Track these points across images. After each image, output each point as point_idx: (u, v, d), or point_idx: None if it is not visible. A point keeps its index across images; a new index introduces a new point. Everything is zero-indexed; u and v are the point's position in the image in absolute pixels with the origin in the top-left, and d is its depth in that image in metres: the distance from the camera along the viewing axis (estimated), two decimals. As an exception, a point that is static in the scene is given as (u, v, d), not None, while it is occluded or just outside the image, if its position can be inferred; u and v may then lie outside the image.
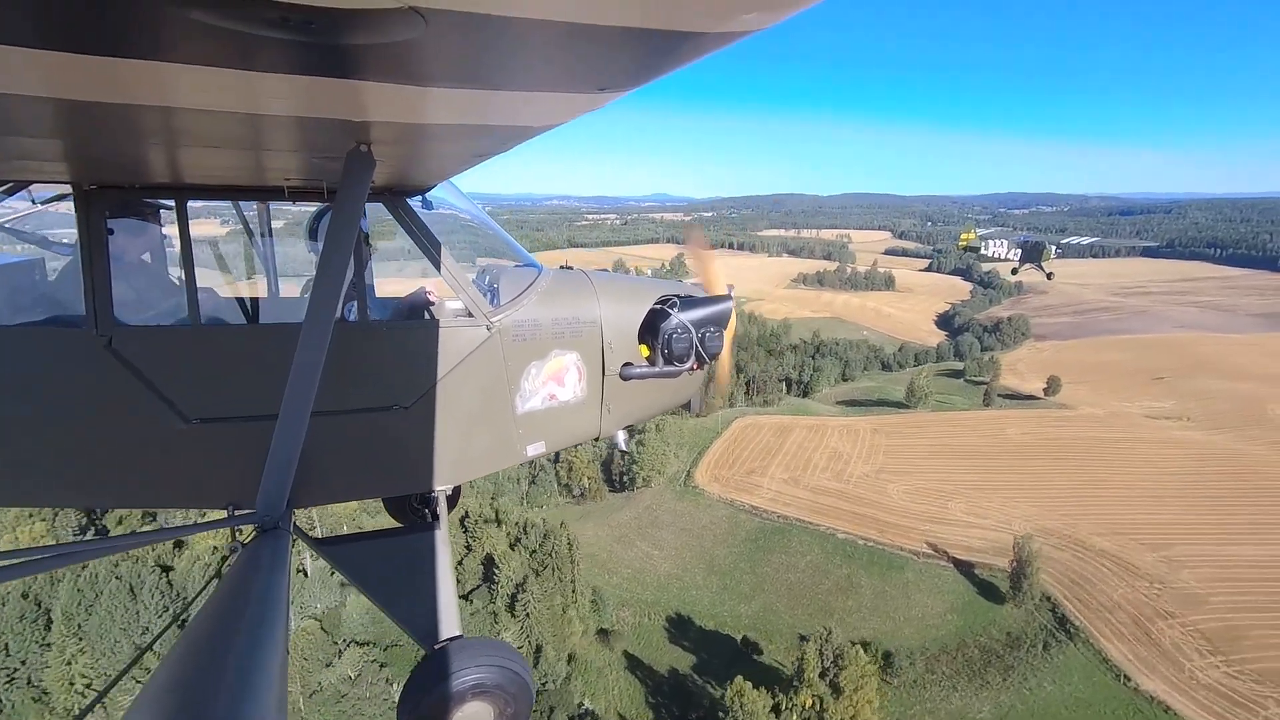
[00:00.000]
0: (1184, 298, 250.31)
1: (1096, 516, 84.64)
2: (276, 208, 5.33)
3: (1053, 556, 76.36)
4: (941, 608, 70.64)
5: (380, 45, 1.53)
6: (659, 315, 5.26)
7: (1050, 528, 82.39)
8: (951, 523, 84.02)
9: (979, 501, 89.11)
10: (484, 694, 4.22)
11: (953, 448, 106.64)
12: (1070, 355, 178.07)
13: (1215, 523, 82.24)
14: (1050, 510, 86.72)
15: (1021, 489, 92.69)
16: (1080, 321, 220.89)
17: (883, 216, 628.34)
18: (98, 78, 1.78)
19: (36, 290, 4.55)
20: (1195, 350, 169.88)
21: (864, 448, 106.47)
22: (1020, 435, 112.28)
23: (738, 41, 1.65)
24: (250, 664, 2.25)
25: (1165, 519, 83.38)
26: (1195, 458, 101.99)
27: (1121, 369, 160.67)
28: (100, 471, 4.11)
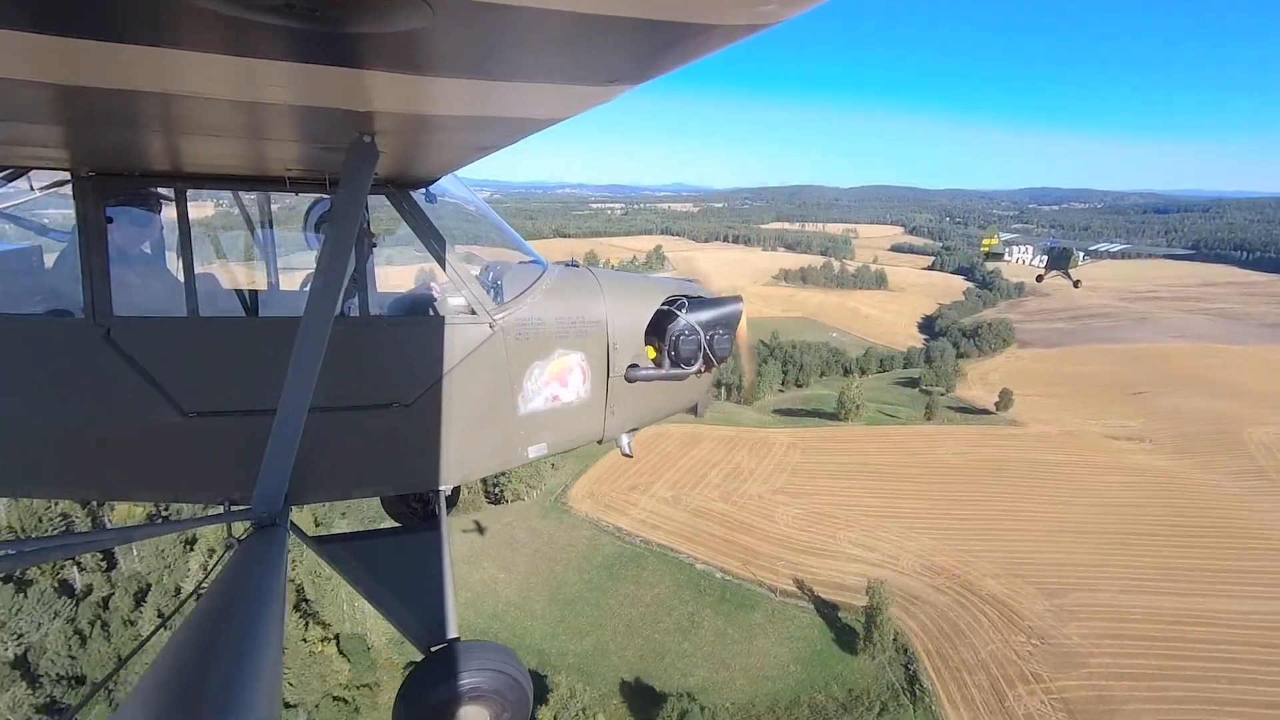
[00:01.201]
0: (1195, 304, 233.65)
1: (1001, 553, 75.65)
2: (279, 199, 5.17)
3: (931, 600, 68.00)
4: (786, 656, 62.86)
5: (385, 34, 1.48)
6: (666, 316, 5.16)
7: (942, 565, 73.84)
8: (833, 555, 75.90)
9: (875, 530, 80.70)
10: (480, 698, 4.18)
11: (871, 466, 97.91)
12: (1049, 365, 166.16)
13: (1126, 565, 72.70)
14: (952, 543, 77.96)
15: (931, 516, 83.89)
16: (1073, 328, 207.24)
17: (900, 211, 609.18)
18: (97, 63, 1.75)
19: (34, 279, 4.44)
20: (1186, 362, 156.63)
21: (772, 464, 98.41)
22: (952, 455, 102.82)
23: (755, 35, 1.57)
24: (244, 661, 2.21)
25: (1076, 559, 74.02)
26: (1140, 487, 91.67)
27: (1100, 381, 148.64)
28: (96, 463, 4.07)
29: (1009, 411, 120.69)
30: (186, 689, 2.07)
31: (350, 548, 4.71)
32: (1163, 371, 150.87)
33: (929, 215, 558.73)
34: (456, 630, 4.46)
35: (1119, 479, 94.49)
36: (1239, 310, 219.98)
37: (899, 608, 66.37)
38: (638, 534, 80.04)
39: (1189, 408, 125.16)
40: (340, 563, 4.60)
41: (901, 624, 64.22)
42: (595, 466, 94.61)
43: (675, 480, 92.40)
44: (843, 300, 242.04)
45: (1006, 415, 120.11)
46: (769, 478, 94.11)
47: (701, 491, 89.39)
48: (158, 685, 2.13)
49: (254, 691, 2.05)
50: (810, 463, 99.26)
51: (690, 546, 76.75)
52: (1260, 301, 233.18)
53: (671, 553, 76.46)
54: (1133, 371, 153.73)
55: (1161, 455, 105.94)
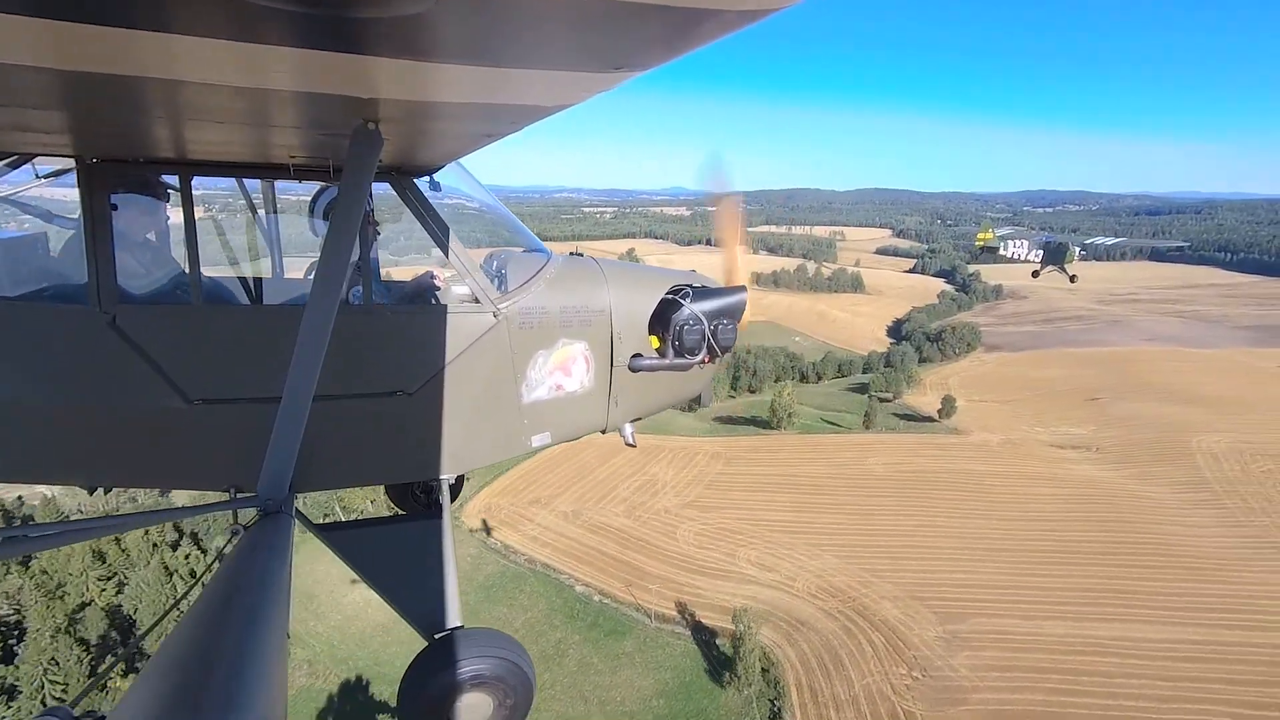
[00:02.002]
0: (1173, 306, 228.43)
1: (907, 573, 71.20)
2: (283, 186, 5.19)
3: (818, 626, 63.53)
4: (651, 689, 58.39)
5: (388, 19, 1.47)
6: (671, 306, 5.14)
7: (840, 586, 69.37)
8: (727, 575, 71.47)
9: (779, 548, 76.28)
10: (483, 685, 4.19)
11: (793, 479, 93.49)
12: (1012, 369, 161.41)
13: (1037, 586, 68.14)
14: (857, 562, 73.49)
15: (842, 533, 79.45)
16: (1044, 331, 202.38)
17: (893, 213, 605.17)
18: (101, 49, 1.74)
19: (39, 265, 4.43)
20: (1150, 367, 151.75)
21: (690, 475, 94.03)
22: (881, 466, 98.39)
23: (761, 20, 1.56)
24: (250, 648, 2.22)
25: (986, 579, 69.54)
26: (1070, 500, 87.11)
27: (1059, 386, 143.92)
28: (101, 450, 4.09)
29: (951, 419, 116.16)
30: (193, 674, 2.08)
31: (354, 535, 4.72)
32: (1125, 376, 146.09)
33: (919, 218, 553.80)
34: (460, 618, 4.48)
35: (1050, 491, 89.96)
36: (1216, 313, 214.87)
37: (782, 634, 62.03)
38: (525, 552, 75.74)
39: (1143, 414, 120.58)
40: (345, 550, 4.60)
41: (779, 653, 59.86)
42: (503, 478, 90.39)
43: (583, 494, 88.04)
44: (813, 304, 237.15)
45: (949, 423, 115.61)
46: (683, 490, 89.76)
47: (606, 506, 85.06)
48: (165, 669, 2.15)
49: (260, 676, 2.06)
50: (731, 474, 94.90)
51: (576, 566, 72.38)
52: (1239, 303, 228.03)
53: (554, 573, 72.15)
54: (1095, 376, 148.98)
55: (1103, 465, 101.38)
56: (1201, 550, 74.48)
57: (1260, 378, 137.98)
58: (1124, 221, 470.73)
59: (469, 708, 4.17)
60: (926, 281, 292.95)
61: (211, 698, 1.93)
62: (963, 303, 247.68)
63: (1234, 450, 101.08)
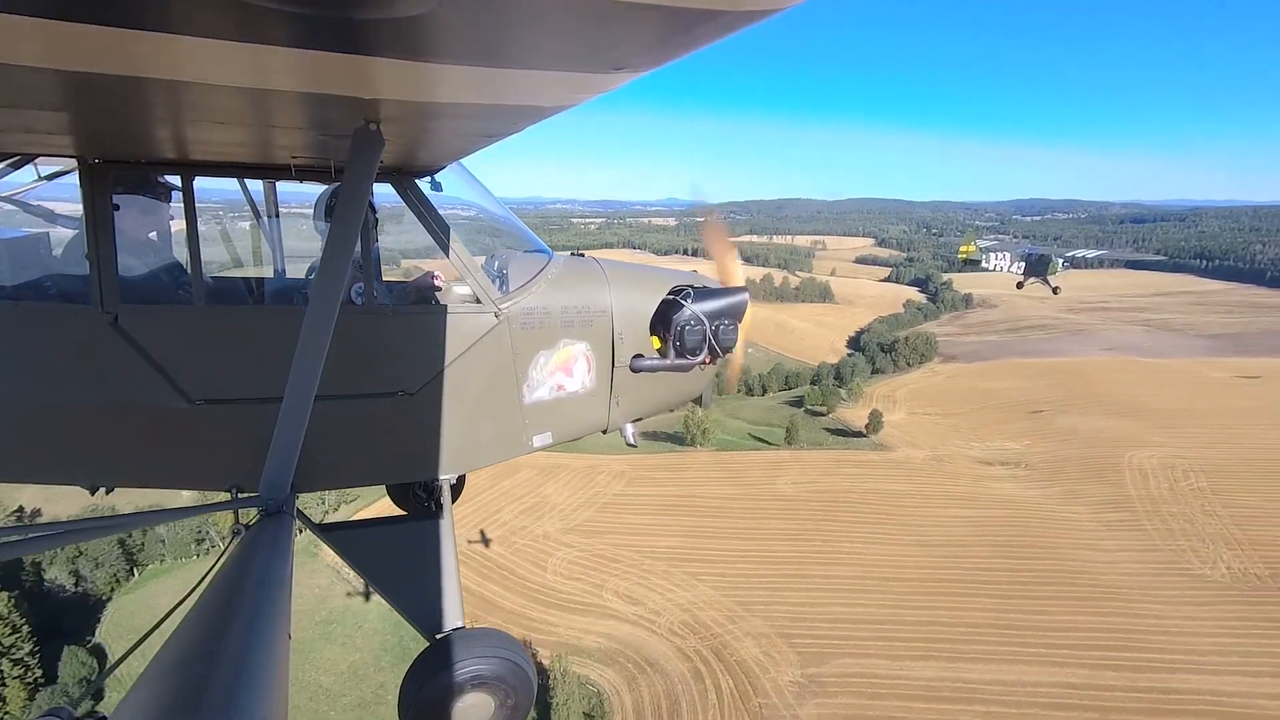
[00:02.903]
0: (1140, 314, 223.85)
1: (784, 605, 65.97)
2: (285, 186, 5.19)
3: (667, 669, 58.27)
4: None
5: (391, 20, 1.47)
6: (672, 306, 5.16)
7: (706, 621, 64.10)
8: (588, 610, 66.17)
9: (653, 578, 71.05)
10: (484, 685, 4.20)
11: (693, 500, 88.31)
12: (963, 381, 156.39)
13: (920, 621, 62.85)
14: (734, 593, 68.26)
15: (727, 560, 74.23)
16: (1006, 341, 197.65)
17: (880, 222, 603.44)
18: (103, 50, 1.74)
19: (41, 266, 4.39)
20: (1102, 377, 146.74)
21: (585, 497, 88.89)
22: (791, 486, 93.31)
23: (761, 21, 1.56)
24: (251, 649, 2.22)
25: (866, 613, 64.31)
26: (985, 523, 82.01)
27: (1004, 399, 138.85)
28: (102, 450, 4.10)
29: (878, 435, 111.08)
30: (194, 674, 2.08)
31: (356, 535, 4.70)
32: (1074, 388, 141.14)
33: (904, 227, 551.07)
34: (461, 618, 4.50)
35: (964, 513, 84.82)
36: (1181, 321, 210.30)
37: (625, 677, 56.81)
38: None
39: (1083, 427, 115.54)
40: (346, 550, 4.60)
41: (615, 700, 54.51)
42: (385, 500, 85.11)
43: (463, 517, 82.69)
44: (774, 314, 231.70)
45: (875, 439, 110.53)
46: (571, 514, 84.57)
47: (489, 530, 79.78)
48: (167, 668, 2.15)
49: (261, 677, 2.06)
50: (629, 496, 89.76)
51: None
52: (1207, 311, 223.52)
53: (399, 608, 66.61)
54: (1044, 388, 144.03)
55: (1029, 483, 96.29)
56: (1105, 579, 69.28)
57: (1209, 389, 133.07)
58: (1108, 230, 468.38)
59: (470, 708, 4.19)
60: (900, 290, 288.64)
61: (212, 698, 1.92)
62: (929, 312, 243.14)
63: (1167, 466, 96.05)
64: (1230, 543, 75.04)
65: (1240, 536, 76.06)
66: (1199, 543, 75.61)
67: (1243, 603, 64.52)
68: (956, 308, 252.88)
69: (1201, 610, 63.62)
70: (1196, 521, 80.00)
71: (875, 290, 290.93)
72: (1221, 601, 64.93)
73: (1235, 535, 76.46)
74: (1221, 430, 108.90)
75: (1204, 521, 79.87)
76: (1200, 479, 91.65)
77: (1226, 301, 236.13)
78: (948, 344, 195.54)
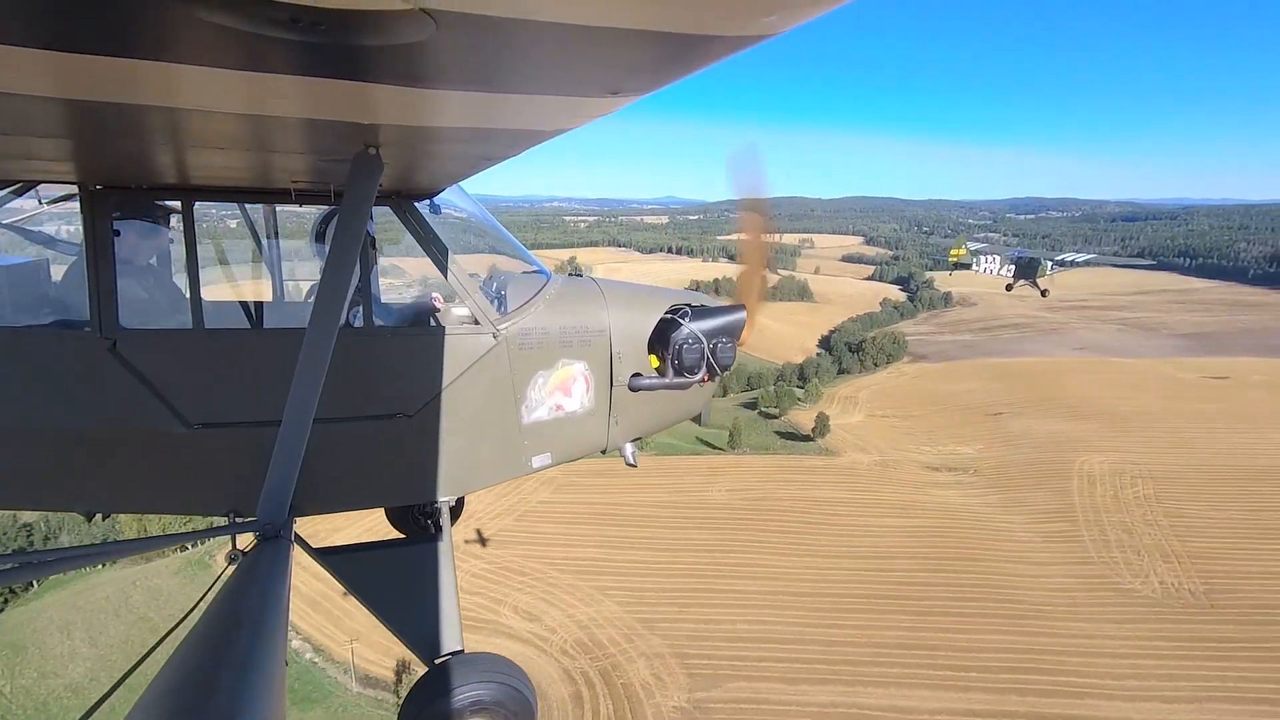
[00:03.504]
0: (1117, 314, 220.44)
1: (687, 623, 62.68)
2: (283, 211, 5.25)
3: (548, 693, 54.94)
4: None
5: (389, 47, 1.49)
6: (670, 325, 5.19)
7: (603, 640, 60.88)
8: (478, 627, 62.25)
9: (557, 593, 67.78)
10: (483, 711, 4.21)
11: (620, 509, 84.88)
12: (927, 382, 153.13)
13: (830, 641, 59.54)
14: (639, 610, 65.02)
15: (640, 573, 70.93)
16: (978, 341, 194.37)
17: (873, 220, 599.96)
18: (104, 78, 1.76)
19: (41, 291, 4.48)
20: (1066, 379, 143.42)
21: (506, 505, 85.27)
22: (725, 494, 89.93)
23: (756, 45, 1.57)
24: (247, 675, 2.21)
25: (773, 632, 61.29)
26: (919, 533, 78.80)
27: (965, 401, 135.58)
28: (101, 475, 4.11)
29: (826, 439, 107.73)
30: (191, 699, 2.07)
31: (354, 559, 4.70)
32: (1037, 389, 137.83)
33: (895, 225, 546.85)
34: (461, 642, 4.49)
35: (900, 522, 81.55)
36: (1156, 320, 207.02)
37: (502, 703, 53.23)
38: (266, 599, 66.91)
39: (1038, 431, 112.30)
40: (344, 574, 4.58)
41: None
42: None
43: (371, 526, 79.33)
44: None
45: (822, 443, 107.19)
46: (488, 523, 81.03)
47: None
48: (162, 695, 2.13)
49: (259, 703, 2.04)
50: (554, 504, 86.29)
51: (306, 615, 63.46)
52: (1185, 310, 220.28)
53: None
54: (1008, 389, 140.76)
55: (974, 489, 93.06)
56: (1031, 595, 66.01)
57: (1174, 390, 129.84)
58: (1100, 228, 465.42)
59: None
60: (881, 289, 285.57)
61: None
62: (906, 311, 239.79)
63: (1116, 473, 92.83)
64: (1167, 555, 71.80)
65: (1178, 549, 72.82)
66: (1134, 555, 72.37)
67: (1170, 620, 61.28)
68: (935, 306, 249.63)
69: (1125, 629, 60.38)
70: (1136, 532, 76.75)
71: (856, 289, 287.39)
72: (1147, 619, 61.69)
73: (1173, 547, 73.21)
74: (1178, 434, 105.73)
75: (1143, 532, 76.62)
76: (1148, 486, 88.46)
77: (1206, 300, 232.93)
78: (919, 343, 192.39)
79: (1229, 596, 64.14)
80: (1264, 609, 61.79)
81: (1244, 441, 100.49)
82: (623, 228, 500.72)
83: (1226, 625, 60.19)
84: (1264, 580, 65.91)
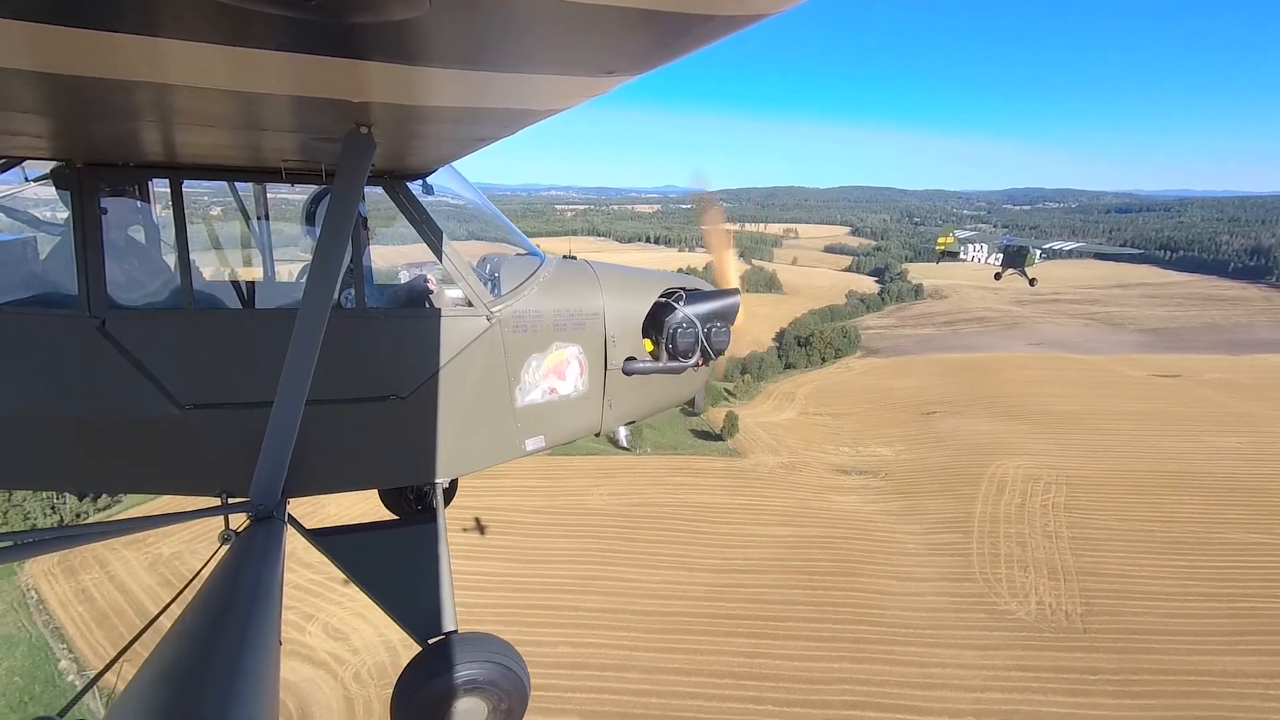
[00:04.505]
0: (1087, 307, 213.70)
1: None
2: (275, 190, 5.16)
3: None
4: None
5: (382, 24, 1.45)
6: (664, 309, 5.17)
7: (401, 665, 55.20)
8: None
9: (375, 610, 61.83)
10: (477, 690, 4.23)
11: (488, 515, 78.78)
12: (869, 379, 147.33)
13: (645, 669, 53.96)
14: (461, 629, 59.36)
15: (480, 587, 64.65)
16: (937, 334, 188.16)
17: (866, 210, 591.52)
18: (91, 52, 1.71)
19: (28, 270, 4.38)
20: (1013, 375, 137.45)
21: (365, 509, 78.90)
22: (606, 499, 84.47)
23: (751, 26, 1.56)
24: (241, 656, 2.22)
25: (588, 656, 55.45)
26: (800, 544, 73.24)
27: (905, 398, 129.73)
28: (91, 456, 4.08)
29: (734, 440, 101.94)
30: (185, 680, 2.07)
31: (348, 540, 4.68)
32: (980, 386, 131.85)
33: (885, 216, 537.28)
34: (454, 623, 4.49)
35: (781, 532, 75.93)
36: (1125, 315, 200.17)
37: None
38: (62, 610, 61.76)
39: (965, 431, 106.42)
40: (338, 555, 4.58)
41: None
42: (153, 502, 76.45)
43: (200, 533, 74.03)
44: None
45: (730, 444, 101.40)
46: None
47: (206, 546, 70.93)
48: (156, 677, 2.13)
49: (253, 682, 2.05)
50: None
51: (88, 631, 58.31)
52: (1158, 304, 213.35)
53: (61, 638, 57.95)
54: (951, 386, 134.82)
55: (878, 494, 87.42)
56: (896, 616, 60.36)
57: (1118, 389, 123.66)
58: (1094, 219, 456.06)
59: (464, 713, 4.20)
60: (856, 281, 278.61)
61: (203, 706, 1.91)
62: (873, 304, 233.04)
63: (1031, 478, 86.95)
64: (1055, 572, 66.02)
65: (1069, 565, 67.03)
66: (1021, 572, 66.62)
67: (1035, 648, 55.61)
68: (904, 299, 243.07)
69: (983, 657, 54.77)
70: (1030, 545, 70.94)
71: (829, 280, 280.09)
72: (1010, 646, 56.05)
73: (1064, 563, 67.41)
74: (1108, 436, 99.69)
75: (1038, 545, 70.83)
76: (1060, 493, 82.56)
77: (1180, 294, 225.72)
78: (877, 337, 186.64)
79: (1107, 620, 58.44)
80: (1141, 635, 56.12)
81: (1174, 446, 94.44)
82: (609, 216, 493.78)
83: (1095, 654, 54.56)
84: (1149, 602, 60.17)
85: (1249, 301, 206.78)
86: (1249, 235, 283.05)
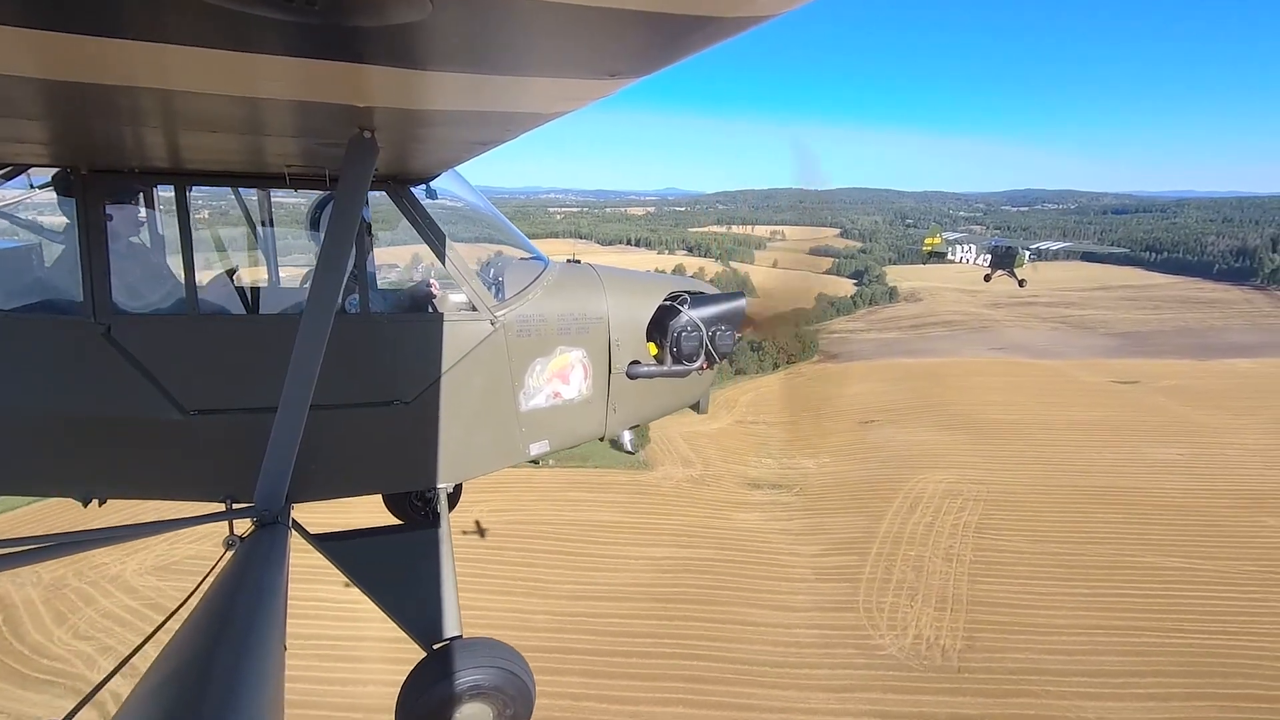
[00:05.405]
0: (1060, 310, 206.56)
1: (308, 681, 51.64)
2: (279, 195, 5.12)
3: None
4: None
5: (384, 27, 1.45)
6: (668, 312, 5.22)
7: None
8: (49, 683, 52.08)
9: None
10: (482, 695, 4.23)
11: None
12: (818, 385, 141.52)
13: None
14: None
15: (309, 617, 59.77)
16: (901, 339, 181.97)
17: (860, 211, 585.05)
18: (95, 59, 1.72)
19: (33, 276, 4.38)
20: (964, 382, 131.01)
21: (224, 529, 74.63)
22: (484, 515, 78.54)
23: (754, 27, 1.55)
24: (245, 662, 2.22)
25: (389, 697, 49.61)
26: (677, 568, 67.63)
27: (846, 405, 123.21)
28: (96, 461, 4.08)
29: (646, 450, 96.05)
30: (190, 686, 2.08)
31: (352, 545, 4.64)
32: (929, 393, 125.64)
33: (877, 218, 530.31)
34: (459, 628, 4.49)
35: (662, 553, 70.36)
36: (1099, 318, 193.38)
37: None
38: None
39: (899, 442, 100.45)
40: (342, 560, 4.54)
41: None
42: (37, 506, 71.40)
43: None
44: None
45: (641, 456, 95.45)
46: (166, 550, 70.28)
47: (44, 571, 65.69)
48: (161, 682, 2.13)
49: (258, 688, 2.06)
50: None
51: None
52: (1135, 306, 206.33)
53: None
54: (899, 393, 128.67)
55: (784, 511, 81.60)
56: (753, 653, 54.20)
57: (1070, 397, 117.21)
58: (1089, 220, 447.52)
59: (468, 718, 4.20)
60: (835, 284, 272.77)
61: (207, 711, 1.90)
62: (843, 307, 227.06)
63: (950, 493, 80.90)
64: (943, 601, 59.88)
65: (962, 593, 60.88)
66: (907, 600, 60.50)
67: (894, 689, 49.51)
68: (877, 302, 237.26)
69: (835, 700, 48.73)
70: (925, 570, 64.87)
71: (806, 284, 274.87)
72: (870, 687, 49.97)
73: (958, 591, 61.29)
74: (1044, 448, 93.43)
75: (934, 570, 64.77)
76: (974, 510, 76.48)
77: (1159, 296, 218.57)
78: (839, 342, 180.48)
79: (985, 658, 52.27)
80: (1016, 675, 49.93)
81: (1111, 459, 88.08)
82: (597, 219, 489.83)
83: (961, 697, 48.41)
84: (1036, 636, 53.96)
85: (1228, 304, 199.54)
86: (1237, 236, 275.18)
